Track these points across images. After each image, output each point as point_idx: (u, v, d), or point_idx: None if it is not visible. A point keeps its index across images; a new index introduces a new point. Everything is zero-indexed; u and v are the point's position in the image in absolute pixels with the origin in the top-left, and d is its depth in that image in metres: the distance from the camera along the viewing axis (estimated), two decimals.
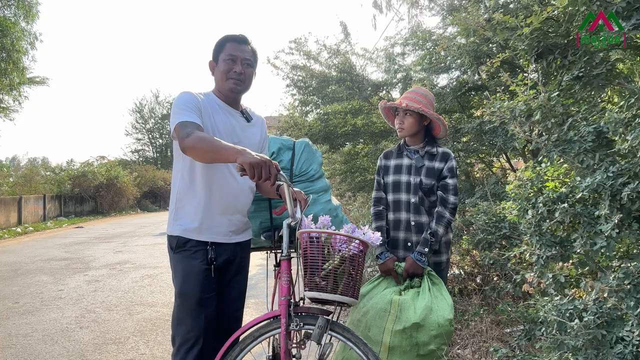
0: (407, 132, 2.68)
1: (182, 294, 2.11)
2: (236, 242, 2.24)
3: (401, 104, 2.63)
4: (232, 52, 2.18)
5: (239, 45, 2.20)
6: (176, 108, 2.07)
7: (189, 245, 2.12)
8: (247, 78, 2.22)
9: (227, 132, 2.18)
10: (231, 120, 2.23)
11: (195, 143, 1.88)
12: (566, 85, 2.87)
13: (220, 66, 2.19)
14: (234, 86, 2.19)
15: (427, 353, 2.31)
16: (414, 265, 2.52)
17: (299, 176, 2.63)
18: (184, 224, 2.14)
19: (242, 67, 2.19)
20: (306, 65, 7.13)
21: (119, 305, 5.30)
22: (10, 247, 10.96)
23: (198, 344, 2.07)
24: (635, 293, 1.75)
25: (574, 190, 1.99)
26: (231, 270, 2.24)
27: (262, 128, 2.41)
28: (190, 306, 2.09)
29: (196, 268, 2.10)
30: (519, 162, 5.68)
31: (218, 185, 2.14)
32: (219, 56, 2.21)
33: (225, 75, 2.18)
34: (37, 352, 3.80)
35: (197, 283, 2.09)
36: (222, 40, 2.23)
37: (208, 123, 2.12)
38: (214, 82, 2.27)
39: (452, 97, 4.94)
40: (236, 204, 2.22)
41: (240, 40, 2.22)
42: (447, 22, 5.16)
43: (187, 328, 2.09)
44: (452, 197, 2.57)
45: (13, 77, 13.21)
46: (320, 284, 1.87)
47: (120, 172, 24.25)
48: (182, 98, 2.11)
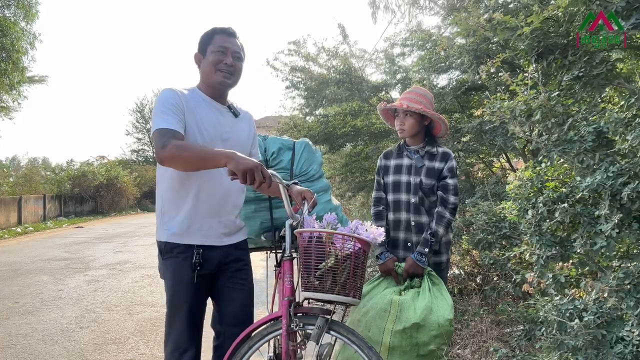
0: (408, 132, 2.68)
1: (172, 304, 2.06)
2: (228, 244, 2.16)
3: (401, 105, 2.62)
4: (222, 43, 2.09)
5: (229, 38, 2.11)
6: (156, 109, 1.99)
7: (177, 251, 2.05)
8: (236, 71, 2.13)
9: (214, 129, 2.09)
10: (218, 116, 2.13)
11: (177, 152, 1.82)
12: (566, 85, 2.87)
13: (209, 58, 2.09)
14: (223, 79, 2.09)
15: (427, 353, 2.31)
16: (414, 266, 2.51)
17: (299, 176, 2.63)
18: (171, 228, 2.06)
19: (233, 59, 2.10)
20: (305, 67, 7.12)
21: (119, 305, 5.30)
22: (10, 247, 10.96)
23: (190, 349, 2.05)
24: (635, 293, 1.75)
25: (574, 190, 1.99)
26: (229, 270, 2.16)
27: (250, 123, 2.33)
28: (180, 315, 2.05)
29: (185, 276, 2.03)
30: (519, 162, 5.68)
31: (206, 186, 2.06)
32: (206, 48, 2.11)
33: (214, 66, 2.08)
34: (37, 352, 3.80)
35: (186, 293, 2.04)
36: (210, 32, 2.13)
37: (192, 121, 2.03)
38: (200, 75, 2.16)
39: (452, 97, 4.94)
40: (225, 206, 2.13)
41: (229, 32, 2.13)
42: (447, 22, 5.16)
43: (177, 335, 2.05)
44: (452, 197, 2.57)
45: (13, 77, 13.20)
46: (314, 283, 1.86)
47: (120, 172, 24.26)
48: (162, 98, 2.01)
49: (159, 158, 1.88)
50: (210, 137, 2.07)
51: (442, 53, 4.39)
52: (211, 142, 2.06)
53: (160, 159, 1.88)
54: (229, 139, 2.13)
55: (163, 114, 1.95)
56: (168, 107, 1.97)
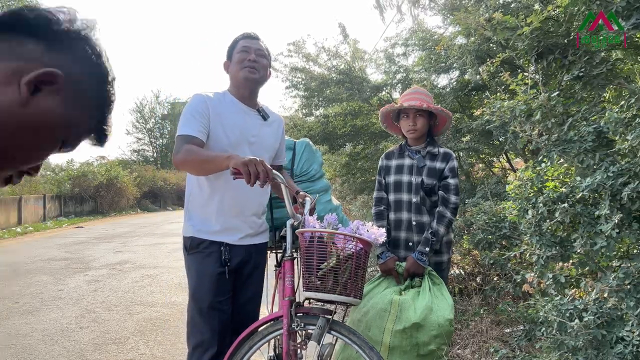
0: (420, 132, 2.66)
1: (195, 297, 2.10)
2: (251, 244, 2.21)
3: (421, 105, 2.58)
4: (245, 45, 2.18)
5: (251, 40, 2.21)
6: (182, 116, 2.09)
7: (203, 246, 2.10)
8: (262, 67, 2.18)
9: (240, 132, 2.15)
10: (245, 119, 2.18)
11: (184, 157, 1.92)
12: (566, 85, 2.88)
13: (234, 59, 2.17)
14: (248, 74, 2.13)
15: (427, 353, 2.31)
16: (414, 265, 2.51)
17: (299, 176, 2.63)
18: (197, 225, 2.12)
19: (256, 56, 2.16)
20: (305, 67, 7.13)
21: (119, 305, 5.30)
22: (10, 247, 10.96)
23: (212, 346, 2.06)
24: (636, 293, 1.75)
25: (574, 190, 1.99)
26: (245, 271, 2.20)
27: (279, 128, 2.36)
28: (202, 309, 2.07)
29: (210, 270, 2.08)
30: (519, 162, 5.69)
31: (230, 186, 2.09)
32: (232, 52, 2.20)
33: (239, 65, 2.15)
34: (37, 352, 3.80)
35: (210, 287, 2.07)
36: (235, 39, 2.24)
37: (219, 125, 2.10)
38: (230, 79, 2.24)
39: (452, 97, 4.95)
40: (250, 205, 2.19)
41: (252, 36, 2.23)
42: (448, 22, 5.16)
43: (200, 330, 2.08)
44: (453, 197, 2.57)
45: None
46: (316, 283, 1.86)
47: (120, 172, 24.24)
48: (189, 104, 2.11)
49: (174, 163, 1.98)
50: (237, 139, 2.12)
51: (442, 52, 4.40)
52: (237, 144, 2.11)
53: (174, 164, 1.98)
54: (254, 143, 2.18)
55: (186, 120, 2.04)
56: (192, 114, 2.06)
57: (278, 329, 1.94)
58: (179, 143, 1.99)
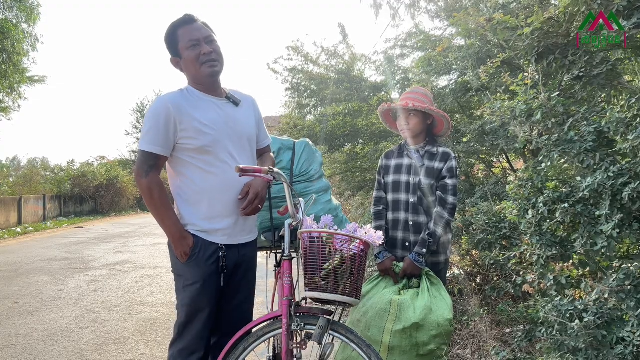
0: (413, 132, 2.67)
1: (197, 307, 2.02)
2: (244, 242, 2.16)
3: (407, 104, 2.61)
4: (190, 37, 2.00)
5: (191, 26, 2.02)
6: (145, 123, 1.99)
7: (197, 249, 2.02)
8: (219, 55, 2.05)
9: (218, 126, 2.04)
10: (218, 112, 2.07)
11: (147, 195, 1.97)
12: (566, 85, 2.87)
13: (186, 56, 2.01)
14: (211, 69, 2.01)
15: (427, 353, 2.30)
16: (411, 266, 2.51)
17: (299, 176, 2.62)
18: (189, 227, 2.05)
19: (208, 45, 2.01)
20: (304, 68, 7.13)
21: (119, 305, 5.29)
22: (10, 247, 10.96)
23: (200, 350, 2.05)
24: (636, 294, 1.74)
25: (574, 190, 1.99)
26: (239, 272, 2.16)
27: (253, 107, 2.25)
28: (201, 317, 2.03)
29: (214, 277, 2.02)
30: (519, 162, 5.68)
31: (220, 185, 2.06)
32: (177, 48, 2.03)
33: (196, 61, 2.00)
34: (37, 352, 3.79)
35: (212, 296, 2.03)
36: (171, 30, 2.04)
37: (190, 125, 1.98)
38: (187, 76, 2.10)
39: (452, 99, 4.94)
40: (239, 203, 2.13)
41: (189, 21, 2.04)
42: (447, 23, 5.16)
43: (193, 335, 2.04)
44: (450, 198, 2.57)
45: (13, 80, 13.21)
46: (320, 283, 1.86)
47: (120, 172, 24.26)
48: (151, 112, 1.97)
49: (137, 182, 2.00)
50: (217, 135, 2.04)
51: (441, 53, 4.39)
52: (218, 140, 2.03)
53: (138, 185, 2.00)
54: (235, 133, 2.11)
55: (149, 130, 1.97)
56: (155, 124, 1.96)
57: (276, 329, 1.94)
58: (143, 160, 1.96)
